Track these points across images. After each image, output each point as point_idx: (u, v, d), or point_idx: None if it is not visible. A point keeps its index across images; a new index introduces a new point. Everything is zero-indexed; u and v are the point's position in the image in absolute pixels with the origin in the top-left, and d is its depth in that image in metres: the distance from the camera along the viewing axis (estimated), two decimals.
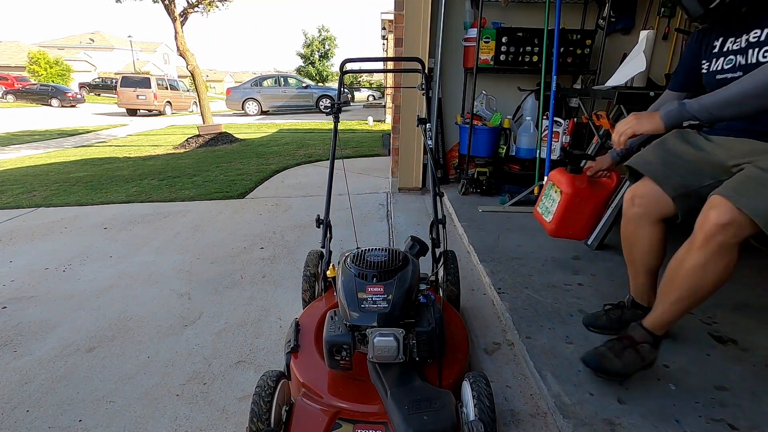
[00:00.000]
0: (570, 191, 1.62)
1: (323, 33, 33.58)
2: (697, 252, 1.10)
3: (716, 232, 1.06)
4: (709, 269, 1.10)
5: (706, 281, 1.12)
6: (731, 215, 1.05)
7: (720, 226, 1.06)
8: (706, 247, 1.09)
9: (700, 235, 1.10)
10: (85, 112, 17.33)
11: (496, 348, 1.62)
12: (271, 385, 1.04)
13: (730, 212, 1.05)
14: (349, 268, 1.21)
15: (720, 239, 1.07)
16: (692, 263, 1.12)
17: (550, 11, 3.04)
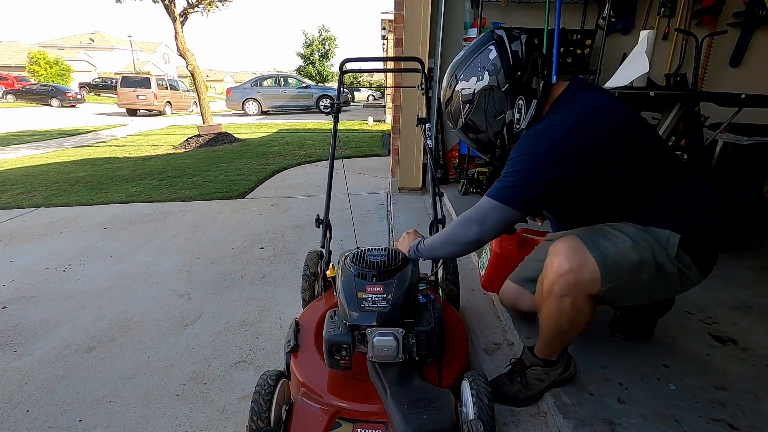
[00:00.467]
0: (497, 251, 1.66)
1: (323, 33, 33.58)
2: (546, 301, 1.12)
3: (556, 280, 1.06)
4: (563, 320, 1.11)
5: (562, 326, 1.13)
6: (570, 263, 1.04)
7: (560, 275, 1.05)
8: (552, 297, 1.09)
9: (545, 284, 1.10)
10: (85, 112, 17.33)
11: (496, 348, 1.62)
12: (270, 384, 1.04)
13: (579, 258, 1.04)
14: (349, 267, 1.21)
15: (560, 289, 1.06)
16: (545, 311, 1.14)
17: (550, 11, 3.04)
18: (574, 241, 1.07)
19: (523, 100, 1.09)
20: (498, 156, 1.22)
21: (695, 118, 2.19)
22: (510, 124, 1.12)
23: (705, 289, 1.87)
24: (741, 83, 3.46)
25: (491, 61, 1.08)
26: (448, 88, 1.18)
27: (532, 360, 1.27)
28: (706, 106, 2.24)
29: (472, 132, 1.20)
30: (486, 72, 1.09)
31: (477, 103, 1.12)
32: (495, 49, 1.08)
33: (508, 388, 1.29)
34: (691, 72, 2.75)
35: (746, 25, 3.43)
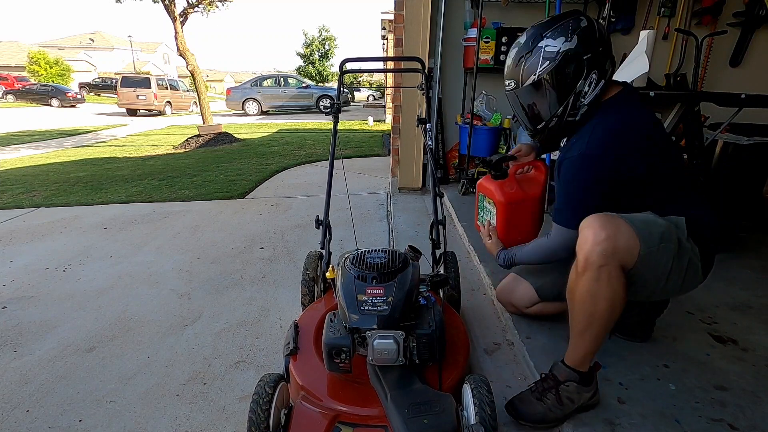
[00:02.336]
0: (503, 200, 1.50)
1: (323, 33, 33.58)
2: (581, 278, 1.07)
3: (593, 250, 1.03)
4: (599, 298, 1.06)
5: (598, 309, 1.07)
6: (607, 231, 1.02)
7: (597, 243, 1.02)
8: (589, 269, 1.05)
9: (580, 257, 1.06)
10: (85, 112, 17.33)
11: (496, 348, 1.62)
12: (268, 392, 1.03)
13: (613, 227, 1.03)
14: (349, 269, 1.21)
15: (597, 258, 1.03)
16: (581, 291, 1.08)
17: (550, 11, 3.03)
18: (603, 214, 1.06)
19: (596, 74, 1.14)
20: (550, 128, 1.24)
21: (695, 118, 2.19)
22: (578, 95, 1.16)
23: (705, 289, 1.87)
24: (741, 83, 3.46)
25: (582, 28, 1.11)
26: (527, 43, 1.16)
27: (567, 374, 1.16)
28: (706, 106, 2.24)
29: (537, 93, 1.19)
30: (576, 36, 1.11)
31: (559, 63, 1.12)
32: (586, 20, 1.12)
33: (537, 407, 1.17)
34: (691, 72, 2.75)
35: (746, 25, 3.43)
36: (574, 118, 1.19)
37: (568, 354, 1.19)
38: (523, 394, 1.23)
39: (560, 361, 1.21)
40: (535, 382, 1.23)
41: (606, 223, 1.03)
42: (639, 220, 1.08)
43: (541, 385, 1.20)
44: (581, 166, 1.16)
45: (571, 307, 1.14)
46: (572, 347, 1.17)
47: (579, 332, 1.13)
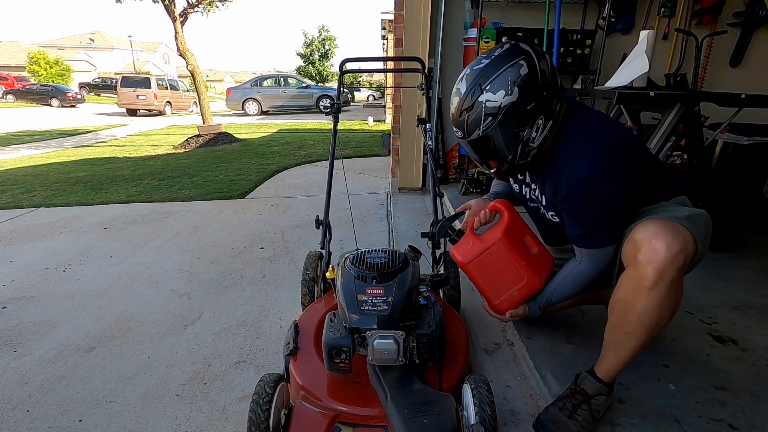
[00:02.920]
0: (461, 260, 1.33)
1: (323, 33, 33.59)
2: (649, 293, 0.99)
3: (670, 263, 0.97)
4: (664, 311, 1.01)
5: (660, 324, 1.03)
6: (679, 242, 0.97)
7: (674, 256, 0.96)
8: (661, 283, 0.98)
9: (650, 271, 0.98)
10: (85, 112, 17.33)
11: (496, 348, 1.62)
12: (268, 392, 1.03)
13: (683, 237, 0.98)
14: (349, 269, 1.21)
15: (672, 273, 0.97)
16: (643, 307, 1.01)
17: (550, 11, 3.04)
18: (661, 221, 1.02)
19: (542, 119, 1.10)
20: (503, 171, 1.23)
21: (695, 118, 2.19)
22: (526, 142, 1.12)
23: (705, 289, 1.87)
24: (741, 83, 3.46)
25: (522, 77, 1.05)
26: (468, 96, 1.10)
27: (599, 388, 1.12)
28: (706, 106, 2.23)
29: (485, 145, 1.16)
30: (516, 87, 1.05)
31: (501, 118, 1.08)
32: (527, 65, 1.06)
33: (570, 426, 1.11)
34: (691, 72, 2.75)
35: (746, 25, 3.43)
36: (525, 160, 1.16)
37: (605, 367, 1.13)
38: (551, 412, 1.16)
39: (589, 373, 1.16)
40: (562, 398, 1.17)
41: (675, 233, 0.98)
42: (685, 218, 1.05)
43: (570, 401, 1.14)
44: (597, 184, 1.10)
45: (622, 320, 1.06)
46: (612, 360, 1.11)
47: (629, 347, 1.07)
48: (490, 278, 1.32)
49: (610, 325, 1.11)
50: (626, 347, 1.07)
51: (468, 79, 1.11)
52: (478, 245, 1.30)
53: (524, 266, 1.29)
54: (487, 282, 1.33)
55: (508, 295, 1.32)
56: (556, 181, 1.17)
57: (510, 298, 1.32)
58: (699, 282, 1.92)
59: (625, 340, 1.07)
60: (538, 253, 1.33)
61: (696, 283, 1.92)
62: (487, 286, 1.34)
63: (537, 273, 1.30)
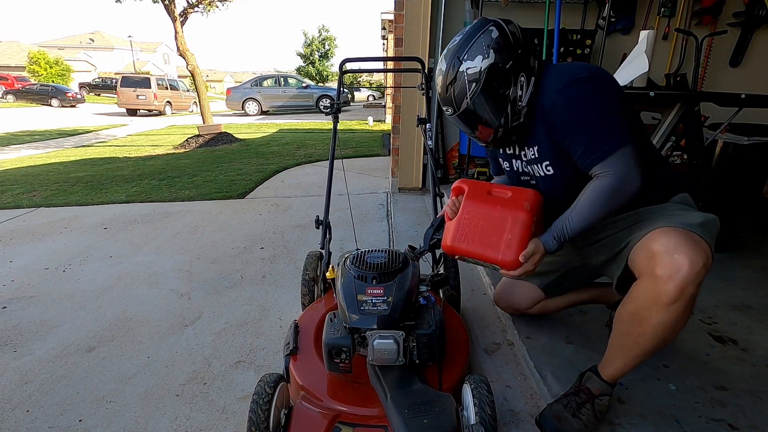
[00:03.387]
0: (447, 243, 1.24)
1: (323, 33, 33.59)
2: (669, 308, 0.96)
3: (692, 280, 0.94)
4: (679, 325, 1.00)
5: (674, 335, 1.02)
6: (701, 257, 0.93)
7: (696, 272, 0.93)
8: (680, 300, 0.95)
9: (671, 287, 0.94)
10: (85, 112, 17.33)
11: (496, 348, 1.62)
12: (268, 392, 1.03)
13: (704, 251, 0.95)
14: (349, 269, 1.21)
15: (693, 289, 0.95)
16: (659, 321, 0.99)
17: (550, 11, 3.04)
18: (680, 232, 0.98)
19: (524, 76, 1.11)
20: (499, 137, 1.20)
21: (695, 118, 2.19)
22: (514, 101, 1.13)
23: (705, 289, 1.85)
24: (741, 83, 3.46)
25: (494, 40, 1.09)
26: (450, 71, 1.13)
27: (603, 389, 1.13)
28: (706, 106, 2.23)
29: (476, 113, 1.17)
30: (491, 50, 1.08)
31: (484, 81, 1.10)
32: (496, 29, 1.10)
33: (573, 423, 1.11)
34: (691, 72, 2.75)
35: (746, 25, 3.43)
36: (518, 121, 1.16)
37: (610, 370, 1.13)
38: (555, 409, 1.15)
39: (593, 373, 1.16)
40: (566, 396, 1.17)
41: (696, 247, 0.95)
42: (699, 225, 1.01)
43: (575, 400, 1.14)
44: (588, 84, 1.06)
45: (635, 331, 1.04)
46: (619, 366, 1.11)
47: (637, 356, 1.07)
48: (480, 241, 1.19)
49: (619, 333, 1.10)
50: (634, 355, 1.07)
51: (447, 56, 1.15)
52: (452, 223, 1.25)
53: (501, 207, 1.19)
54: (480, 246, 1.19)
55: (505, 242, 1.16)
56: (543, 117, 1.13)
57: (509, 243, 1.15)
58: None
59: (634, 349, 1.06)
60: (513, 195, 1.23)
61: None
62: (484, 249, 1.18)
63: (518, 205, 1.18)
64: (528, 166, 1.27)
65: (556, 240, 1.12)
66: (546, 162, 1.19)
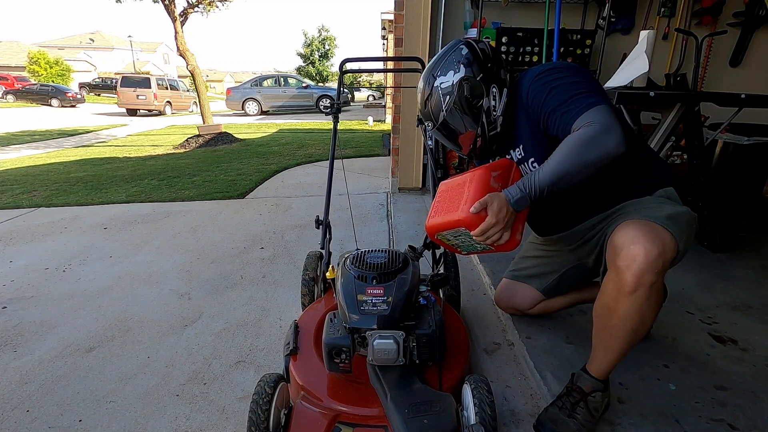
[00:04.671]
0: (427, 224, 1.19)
1: (323, 33, 33.59)
2: (628, 298, 1.00)
3: (648, 269, 0.96)
4: (646, 314, 1.02)
5: (644, 325, 1.04)
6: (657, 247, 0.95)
7: (650, 262, 0.96)
8: (640, 289, 0.98)
9: (629, 277, 0.97)
10: (85, 112, 17.33)
11: (496, 348, 1.62)
12: (268, 392, 1.03)
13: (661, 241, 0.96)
14: (349, 269, 1.21)
15: (651, 277, 0.97)
16: (627, 310, 1.01)
17: (550, 11, 3.04)
18: (641, 224, 1.00)
19: (496, 87, 1.19)
20: (479, 147, 1.25)
21: (695, 118, 2.19)
22: (488, 111, 1.20)
23: (705, 289, 1.87)
24: (741, 83, 3.46)
25: (464, 56, 1.18)
26: (426, 87, 1.23)
27: (594, 385, 1.13)
28: (706, 106, 2.23)
29: (452, 124, 1.23)
30: (461, 65, 1.17)
31: (457, 93, 1.18)
32: (466, 47, 1.19)
33: (570, 424, 1.11)
34: (691, 72, 2.75)
35: (746, 25, 3.43)
36: (495, 130, 1.22)
37: (596, 366, 1.14)
38: (551, 412, 1.16)
39: (583, 371, 1.17)
40: (560, 397, 1.18)
41: (652, 236, 0.97)
42: (666, 217, 1.03)
43: (568, 400, 1.15)
44: (557, 69, 1.14)
45: (607, 323, 1.07)
46: (602, 360, 1.12)
47: (616, 347, 1.08)
48: (446, 209, 1.14)
49: (596, 327, 1.12)
50: (613, 348, 1.09)
51: (424, 76, 1.25)
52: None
53: (465, 174, 1.17)
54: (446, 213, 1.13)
55: (464, 199, 1.08)
56: (524, 112, 1.19)
57: (466, 199, 1.08)
58: (699, 282, 1.93)
59: (611, 342, 1.09)
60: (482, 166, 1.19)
61: (696, 283, 1.92)
62: (449, 214, 1.12)
63: (480, 167, 1.16)
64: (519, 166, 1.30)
65: (520, 189, 1.04)
66: (531, 158, 1.24)
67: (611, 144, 0.97)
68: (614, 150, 0.97)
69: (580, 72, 1.13)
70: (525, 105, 1.18)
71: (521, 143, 1.24)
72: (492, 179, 1.12)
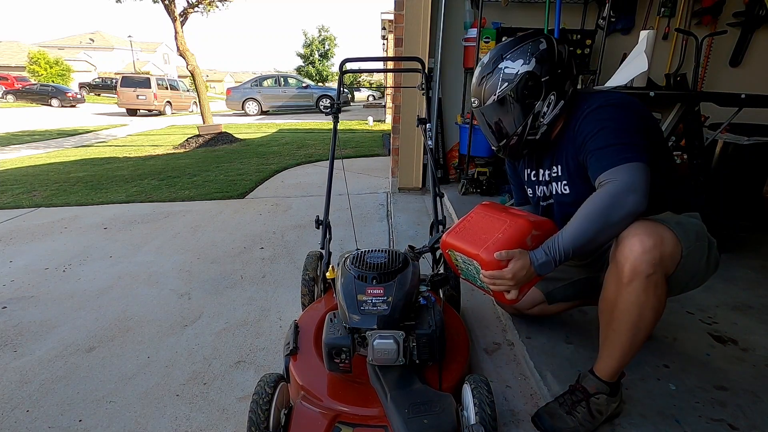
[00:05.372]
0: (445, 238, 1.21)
1: (323, 33, 33.60)
2: (626, 288, 1.01)
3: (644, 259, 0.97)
4: (645, 308, 1.01)
5: (645, 321, 1.03)
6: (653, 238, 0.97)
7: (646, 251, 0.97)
8: (636, 279, 0.99)
9: (626, 267, 0.99)
10: (85, 112, 17.33)
11: (496, 348, 1.62)
12: (268, 392, 1.03)
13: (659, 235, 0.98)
14: (349, 269, 1.21)
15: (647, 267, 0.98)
16: (625, 302, 1.02)
17: (550, 11, 3.04)
18: (643, 221, 1.02)
19: (554, 96, 1.16)
20: (511, 145, 1.24)
21: (695, 118, 2.19)
22: (536, 115, 1.17)
23: (705, 289, 1.86)
24: (741, 83, 3.46)
25: (541, 51, 1.13)
26: (489, 65, 1.18)
27: (598, 386, 1.12)
28: (706, 106, 2.24)
29: (497, 111, 1.20)
30: (534, 58, 1.13)
31: (516, 84, 1.14)
32: (546, 42, 1.14)
33: (568, 421, 1.13)
34: (691, 72, 2.75)
35: (746, 25, 3.43)
36: (534, 137, 1.20)
37: (601, 366, 1.13)
38: (551, 407, 1.18)
39: (589, 372, 1.16)
40: (563, 394, 1.18)
41: (651, 230, 0.99)
42: (674, 222, 1.05)
43: (570, 398, 1.15)
44: (615, 108, 1.11)
45: (609, 318, 1.08)
46: (606, 359, 1.12)
47: (618, 344, 1.08)
48: (471, 238, 1.14)
49: (601, 325, 1.13)
50: (616, 345, 1.09)
51: (492, 52, 1.20)
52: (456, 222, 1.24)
53: (507, 215, 1.16)
54: (469, 242, 1.14)
55: (493, 239, 1.09)
56: (573, 137, 1.16)
57: (495, 241, 1.08)
58: None
59: (615, 338, 1.08)
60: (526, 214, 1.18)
61: None
62: (471, 244, 1.13)
63: (523, 216, 1.14)
64: (549, 185, 1.31)
65: (546, 253, 1.04)
66: (564, 181, 1.25)
67: (630, 204, 0.99)
68: (633, 209, 0.99)
69: (631, 116, 1.09)
70: (574, 131, 1.15)
71: (560, 163, 1.24)
72: (530, 237, 1.09)
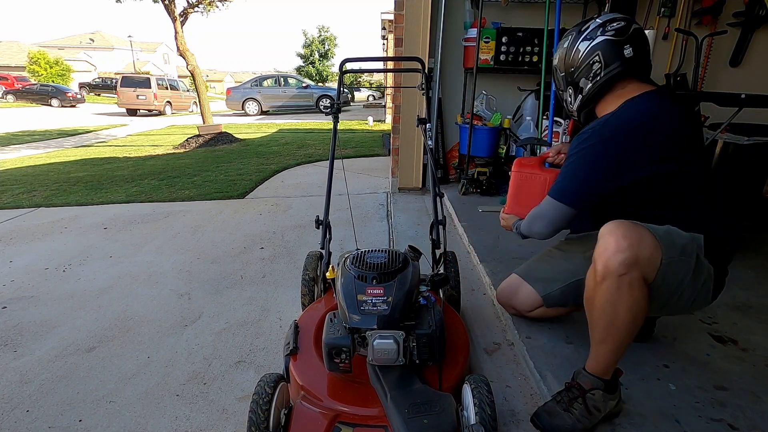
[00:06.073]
0: (516, 168, 1.60)
1: (323, 33, 33.61)
2: (600, 287, 1.04)
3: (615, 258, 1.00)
4: (619, 305, 1.03)
5: (619, 317, 1.05)
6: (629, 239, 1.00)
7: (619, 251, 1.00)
8: (609, 277, 1.02)
9: (599, 265, 1.03)
10: (85, 112, 17.33)
11: (497, 348, 1.62)
12: (268, 392, 1.03)
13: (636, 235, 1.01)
14: (349, 269, 1.21)
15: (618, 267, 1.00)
16: (600, 299, 1.06)
17: (550, 11, 3.03)
18: (625, 222, 1.04)
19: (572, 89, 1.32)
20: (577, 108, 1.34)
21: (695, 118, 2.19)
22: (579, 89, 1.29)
23: None
24: (741, 83, 3.46)
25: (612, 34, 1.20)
26: (571, 33, 1.30)
27: (592, 382, 1.14)
28: (706, 106, 2.24)
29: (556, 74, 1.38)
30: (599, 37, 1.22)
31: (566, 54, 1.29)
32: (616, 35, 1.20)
33: (566, 418, 1.14)
34: (691, 72, 2.76)
35: (746, 25, 3.43)
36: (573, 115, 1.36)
37: (590, 362, 1.16)
38: (549, 405, 1.19)
39: (583, 369, 1.18)
40: (560, 392, 1.20)
41: (628, 231, 1.01)
42: (662, 230, 1.07)
43: (567, 395, 1.17)
44: (593, 143, 1.19)
45: (590, 315, 1.11)
46: (593, 355, 1.14)
47: (599, 341, 1.11)
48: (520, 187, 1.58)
49: (589, 323, 1.15)
50: (598, 341, 1.11)
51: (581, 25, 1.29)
52: (536, 167, 1.57)
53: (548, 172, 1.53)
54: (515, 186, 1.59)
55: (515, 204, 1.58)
56: None
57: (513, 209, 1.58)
58: None
59: (596, 335, 1.11)
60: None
61: None
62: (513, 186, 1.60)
63: None
64: None
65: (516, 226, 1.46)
66: None
67: (536, 227, 1.33)
68: (536, 231, 1.33)
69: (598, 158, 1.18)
70: None
71: None
72: None
